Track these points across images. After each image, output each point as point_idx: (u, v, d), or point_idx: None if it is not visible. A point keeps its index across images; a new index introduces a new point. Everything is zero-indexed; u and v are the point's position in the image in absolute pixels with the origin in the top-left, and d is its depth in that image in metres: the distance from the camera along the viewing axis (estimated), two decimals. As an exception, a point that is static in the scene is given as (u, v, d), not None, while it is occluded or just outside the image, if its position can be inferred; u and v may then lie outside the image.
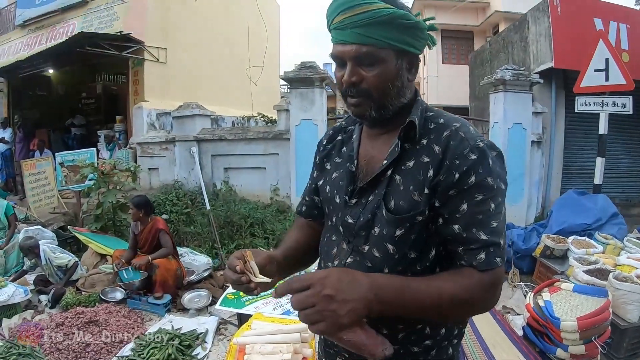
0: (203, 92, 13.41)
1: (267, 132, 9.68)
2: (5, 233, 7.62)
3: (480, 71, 13.93)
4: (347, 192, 1.56)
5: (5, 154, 12.68)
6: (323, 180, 1.71)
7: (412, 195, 1.39)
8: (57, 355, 4.52)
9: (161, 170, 10.75)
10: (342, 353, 1.61)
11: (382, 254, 1.45)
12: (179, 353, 4.41)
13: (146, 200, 6.28)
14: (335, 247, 1.61)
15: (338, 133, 1.76)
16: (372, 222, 1.47)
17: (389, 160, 1.44)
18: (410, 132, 1.45)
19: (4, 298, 5.42)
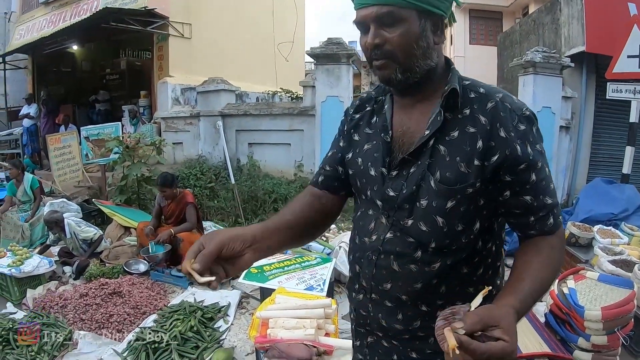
0: (227, 68, 13.27)
1: (292, 108, 9.60)
2: (31, 206, 7.67)
3: (509, 52, 13.58)
4: (384, 164, 1.47)
5: (31, 129, 12.76)
6: (352, 153, 1.62)
7: (459, 167, 1.35)
8: (80, 325, 4.52)
9: (185, 145, 10.78)
10: (375, 332, 1.57)
11: (430, 228, 1.39)
12: (201, 325, 4.37)
13: (172, 176, 6.23)
14: (372, 221, 1.51)
15: (366, 103, 1.66)
16: (416, 194, 1.40)
17: (432, 129, 1.37)
18: (451, 101, 1.39)
19: (28, 269, 5.43)
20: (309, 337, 2.64)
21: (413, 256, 1.41)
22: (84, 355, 4.11)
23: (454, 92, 1.37)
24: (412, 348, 1.51)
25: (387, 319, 1.50)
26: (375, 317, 1.53)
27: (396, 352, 1.54)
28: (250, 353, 4.07)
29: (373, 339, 1.59)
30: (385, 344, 1.56)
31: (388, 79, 1.40)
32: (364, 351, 1.64)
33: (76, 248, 6.26)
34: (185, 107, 11.43)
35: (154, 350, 3.99)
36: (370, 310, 1.54)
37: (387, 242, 1.45)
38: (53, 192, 9.47)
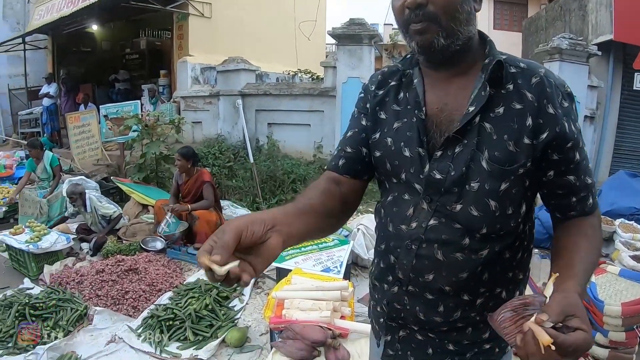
0: (247, 47, 13.19)
1: (312, 89, 9.53)
2: (50, 183, 7.68)
3: (534, 39, 13.32)
4: (420, 144, 1.34)
5: (50, 108, 12.84)
6: (380, 132, 1.46)
7: (507, 145, 1.25)
8: (96, 301, 4.53)
9: (204, 124, 10.77)
10: (409, 326, 1.47)
11: (481, 212, 1.29)
12: (216, 304, 4.35)
13: (193, 152, 6.21)
14: (410, 207, 1.38)
15: (390, 78, 1.50)
16: (466, 176, 1.28)
17: (477, 105, 1.25)
18: (495, 75, 1.28)
19: (46, 245, 5.45)
20: (325, 319, 2.59)
21: (460, 244, 1.31)
22: (98, 330, 4.11)
23: (500, 64, 1.27)
24: (449, 340, 1.44)
25: (426, 312, 1.41)
26: (412, 311, 1.43)
27: (431, 345, 1.47)
28: (264, 333, 4.05)
29: (406, 332, 1.51)
30: (419, 337, 1.48)
31: (429, 44, 1.24)
32: (395, 346, 1.54)
33: (95, 223, 6.30)
34: (204, 87, 11.42)
35: (168, 327, 3.99)
36: (406, 303, 1.43)
37: (431, 230, 1.33)
38: (72, 170, 9.53)
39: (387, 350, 1.57)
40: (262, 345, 3.86)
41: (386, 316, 1.52)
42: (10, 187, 8.52)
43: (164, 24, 14.34)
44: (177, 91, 11.98)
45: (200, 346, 3.79)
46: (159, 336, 3.92)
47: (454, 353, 1.45)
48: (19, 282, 5.16)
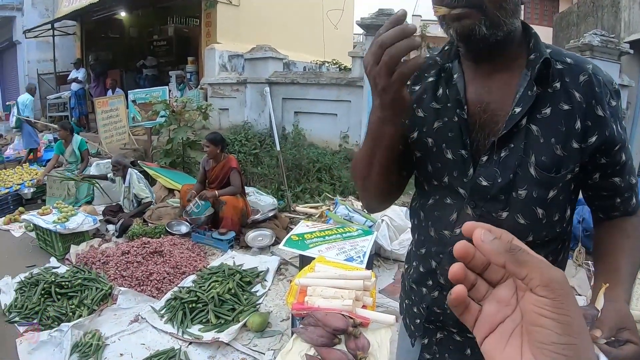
0: (275, 36, 13.22)
1: (340, 79, 9.46)
2: (78, 166, 7.78)
3: (565, 34, 13.07)
4: (463, 146, 1.26)
5: (79, 93, 12.99)
6: (419, 132, 1.36)
7: (554, 149, 1.18)
8: (120, 282, 4.57)
9: (231, 111, 10.81)
10: (448, 328, 1.45)
11: (528, 220, 1.23)
12: (239, 288, 4.37)
13: (222, 137, 6.21)
14: (453, 212, 1.32)
15: (426, 72, 1.39)
16: (513, 183, 1.21)
17: (524, 107, 1.17)
18: (542, 72, 1.18)
19: (73, 226, 5.52)
20: (347, 307, 2.55)
21: None
22: (122, 310, 4.16)
23: (547, 62, 1.18)
24: None
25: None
26: (452, 315, 1.32)
27: (469, 346, 1.43)
28: (285, 319, 4.06)
29: (443, 334, 1.48)
30: (457, 339, 1.45)
31: (469, 31, 1.13)
32: (432, 349, 1.52)
33: (127, 197, 6.50)
34: (232, 74, 11.44)
35: (191, 309, 4.02)
36: (446, 308, 1.39)
37: None
38: (99, 154, 9.66)
39: (423, 355, 1.55)
40: (283, 331, 3.88)
41: (424, 319, 1.50)
42: (38, 169, 8.65)
43: (192, 11, 14.40)
44: (204, 78, 12.00)
45: (221, 329, 3.80)
46: (182, 318, 3.96)
47: None
48: (45, 261, 5.23)
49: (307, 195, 7.47)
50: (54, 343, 3.61)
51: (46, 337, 3.66)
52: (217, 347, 3.67)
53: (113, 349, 3.63)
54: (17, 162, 9.96)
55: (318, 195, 7.40)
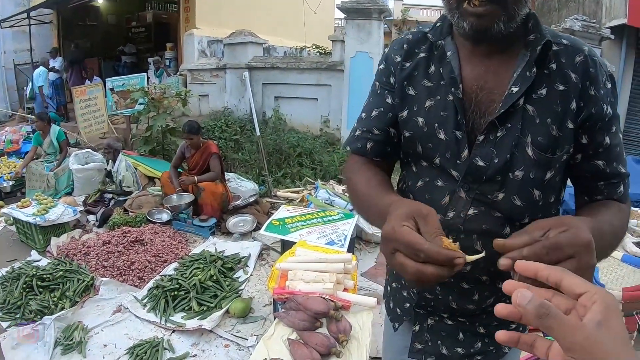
0: (255, 21, 13.14)
1: (320, 63, 9.47)
2: (57, 157, 7.70)
3: (546, 19, 13.03)
4: (457, 126, 1.23)
5: (56, 83, 12.77)
6: (409, 110, 1.32)
7: (550, 130, 1.17)
8: (102, 272, 4.57)
9: (211, 97, 10.78)
10: (439, 313, 1.45)
11: (525, 202, 1.22)
12: (221, 275, 4.40)
13: (198, 125, 6.16)
14: (445, 195, 1.28)
15: (417, 47, 1.34)
16: (510, 164, 1.19)
17: (522, 86, 1.15)
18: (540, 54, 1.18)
19: (53, 218, 5.48)
20: (328, 291, 2.58)
21: (501, 233, 1.23)
22: (105, 301, 4.17)
23: (548, 44, 1.17)
24: (480, 323, 1.43)
25: (459, 301, 1.37)
26: (444, 300, 1.39)
27: (462, 330, 1.45)
28: (267, 304, 4.10)
29: (434, 320, 1.48)
30: (449, 323, 1.46)
31: (486, 29, 1.12)
32: (424, 337, 1.50)
33: (114, 180, 6.67)
34: (211, 60, 11.39)
35: (173, 298, 4.05)
36: (438, 293, 1.39)
37: (470, 220, 1.25)
38: (78, 144, 9.57)
39: (414, 345, 1.53)
40: (266, 316, 3.92)
41: (414, 303, 1.48)
42: (17, 162, 8.57)
43: (170, -4, 14.20)
44: (183, 64, 11.94)
45: (204, 316, 3.84)
46: (164, 306, 3.97)
47: (484, 335, 1.44)
48: (26, 254, 5.21)
49: (288, 180, 7.50)
50: (37, 337, 3.60)
51: (29, 331, 3.64)
52: (200, 335, 3.69)
53: (97, 341, 3.64)
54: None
55: (299, 180, 7.43)
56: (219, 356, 3.47)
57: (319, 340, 2.26)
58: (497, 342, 0.98)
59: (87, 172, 7.32)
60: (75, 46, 13.82)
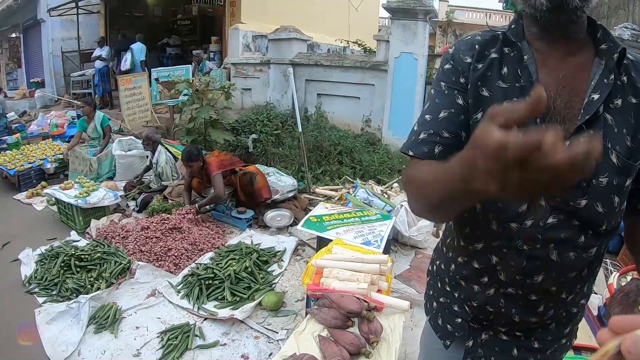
0: (299, 17, 13.14)
1: (364, 62, 9.38)
2: (100, 142, 7.84)
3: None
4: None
5: (102, 71, 13.00)
6: (484, 112, 1.24)
7: (625, 140, 1.16)
8: (139, 257, 4.62)
9: (254, 92, 10.80)
10: (495, 327, 1.42)
11: (606, 209, 1.19)
12: (256, 267, 4.40)
13: (198, 149, 6.01)
14: (523, 204, 1.23)
15: (487, 49, 1.30)
16: (595, 170, 1.16)
17: (602, 94, 1.14)
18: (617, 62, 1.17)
19: (94, 200, 5.59)
20: (362, 291, 2.56)
21: (576, 242, 1.22)
22: (140, 284, 4.21)
23: (622, 53, 1.16)
24: (535, 337, 1.40)
25: (523, 314, 1.34)
26: (507, 313, 1.36)
27: (516, 345, 1.42)
28: (300, 300, 4.09)
29: (488, 335, 1.45)
30: (504, 338, 1.43)
31: (563, 4, 1.11)
32: (477, 353, 1.47)
33: (154, 171, 6.66)
34: (255, 54, 11.44)
35: (207, 286, 4.07)
36: (502, 305, 1.35)
37: (550, 229, 1.21)
38: (122, 131, 9.72)
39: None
40: (297, 311, 3.90)
41: (470, 317, 1.45)
42: (61, 145, 8.72)
43: (216, -9, 14.32)
44: (227, 58, 12.00)
45: (237, 306, 3.83)
46: (198, 294, 4.00)
47: (537, 351, 1.41)
48: (65, 234, 5.30)
49: (327, 178, 7.45)
50: (71, 314, 3.68)
51: (64, 308, 3.71)
52: (231, 324, 3.70)
53: (129, 322, 3.69)
54: (41, 138, 10.03)
55: (338, 178, 7.37)
56: (248, 347, 3.46)
57: (350, 339, 2.25)
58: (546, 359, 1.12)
59: (129, 159, 7.47)
60: (122, 36, 14.06)
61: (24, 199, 6.79)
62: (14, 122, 11.79)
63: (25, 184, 7.27)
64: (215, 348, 3.43)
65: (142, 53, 12.50)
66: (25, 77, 17.60)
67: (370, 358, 2.21)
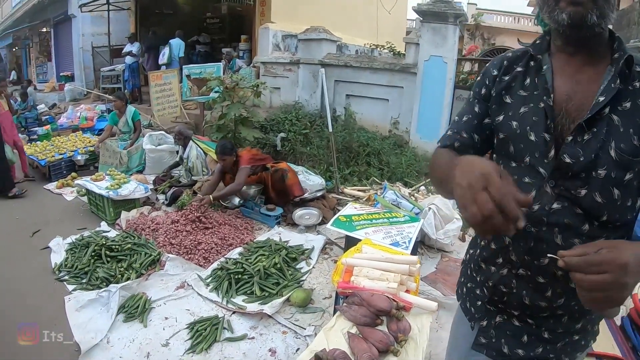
0: (329, 17, 13.19)
1: (393, 64, 9.33)
2: (130, 136, 7.94)
3: (625, 33, 12.55)
4: (547, 129, 1.36)
5: (133, 66, 13.17)
6: (505, 116, 1.49)
7: (632, 139, 1.27)
8: (169, 249, 4.65)
9: (283, 91, 10.81)
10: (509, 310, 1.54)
11: (605, 200, 1.31)
12: (284, 264, 4.41)
13: (231, 144, 6.06)
14: (532, 190, 1.40)
15: (515, 63, 1.52)
16: (595, 162, 1.30)
17: (607, 96, 1.27)
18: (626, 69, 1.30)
19: (125, 193, 5.65)
20: (391, 290, 2.55)
21: (580, 229, 1.34)
22: (169, 276, 4.24)
23: (629, 59, 1.29)
24: (546, 327, 1.49)
25: (532, 296, 1.45)
26: (519, 294, 1.48)
27: (527, 332, 1.52)
28: (327, 297, 4.08)
29: (502, 318, 1.57)
30: (516, 324, 1.54)
31: (582, 17, 1.24)
32: (489, 333, 1.61)
33: (184, 166, 6.75)
34: (285, 54, 11.45)
35: (236, 280, 4.09)
36: (513, 286, 1.49)
37: (554, 213, 1.36)
38: (151, 126, 9.81)
39: (479, 339, 1.64)
40: (325, 308, 3.89)
41: (487, 299, 1.59)
42: (91, 137, 8.85)
43: (246, -9, 14.44)
44: (257, 56, 12.05)
45: (265, 302, 3.84)
46: (227, 288, 4.01)
47: (547, 341, 1.50)
48: (95, 224, 5.37)
49: (355, 178, 7.42)
50: (101, 302, 3.72)
51: (94, 296, 3.77)
52: (259, 319, 3.70)
53: (158, 312, 3.72)
54: (70, 130, 10.16)
55: (366, 179, 7.34)
56: (276, 341, 3.47)
57: (379, 336, 2.24)
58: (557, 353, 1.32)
59: (159, 153, 7.55)
60: (153, 33, 14.20)
61: (54, 189, 6.90)
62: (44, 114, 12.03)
63: (55, 174, 7.41)
64: (244, 341, 3.44)
65: (181, 49, 12.70)
66: (55, 70, 17.89)
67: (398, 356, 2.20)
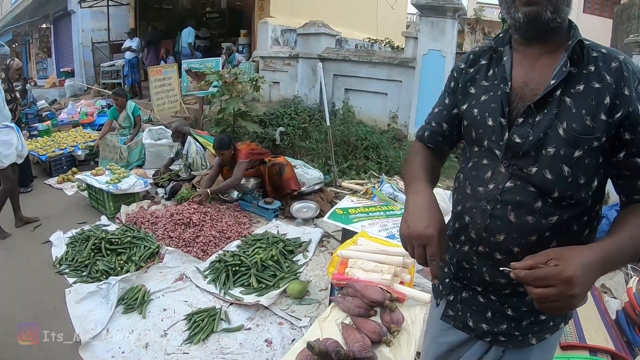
0: (328, 12, 13.20)
1: (392, 58, 9.32)
2: (130, 131, 7.99)
3: (625, 27, 12.50)
4: (502, 114, 1.45)
5: (132, 62, 13.19)
6: (468, 104, 1.60)
7: (584, 119, 1.33)
8: (168, 242, 4.72)
9: (282, 85, 10.82)
10: (473, 287, 1.61)
11: (555, 176, 1.37)
12: (281, 256, 4.46)
13: (229, 138, 6.06)
14: (488, 170, 1.50)
15: (481, 57, 1.63)
16: (543, 141, 1.37)
17: (557, 79, 1.35)
18: (576, 55, 1.38)
19: (125, 187, 5.71)
20: (385, 281, 2.60)
21: (533, 207, 1.40)
22: (168, 268, 4.31)
23: (581, 44, 1.37)
24: (509, 304, 1.55)
25: (492, 272, 1.51)
26: (479, 270, 1.54)
27: (491, 309, 1.58)
28: (323, 289, 4.13)
29: (468, 294, 1.64)
30: (480, 300, 1.60)
31: (535, 15, 1.34)
32: (456, 307, 1.69)
33: (184, 161, 6.82)
34: (284, 48, 11.45)
35: (234, 272, 4.16)
36: (474, 262, 1.55)
37: (507, 192, 1.44)
38: (151, 120, 9.84)
39: (447, 311, 1.73)
40: (321, 300, 3.94)
41: (452, 275, 1.67)
42: (91, 133, 8.88)
43: (246, -16, 14.43)
44: (256, 51, 12.06)
45: (262, 293, 3.91)
46: (224, 279, 4.07)
47: (511, 319, 1.56)
48: (95, 219, 5.43)
49: (353, 172, 7.46)
50: (101, 295, 3.79)
51: (94, 288, 3.84)
52: (256, 310, 3.77)
53: (157, 304, 3.79)
54: (71, 126, 10.20)
55: (364, 173, 7.38)
56: (272, 332, 3.53)
57: (372, 327, 2.29)
58: (522, 331, 1.44)
59: (159, 148, 7.60)
60: (152, 28, 14.24)
61: (54, 184, 6.96)
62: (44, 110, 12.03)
63: (56, 169, 7.45)
64: (240, 332, 3.51)
65: (191, 36, 13.01)
66: (55, 66, 17.96)
67: (391, 347, 2.25)
